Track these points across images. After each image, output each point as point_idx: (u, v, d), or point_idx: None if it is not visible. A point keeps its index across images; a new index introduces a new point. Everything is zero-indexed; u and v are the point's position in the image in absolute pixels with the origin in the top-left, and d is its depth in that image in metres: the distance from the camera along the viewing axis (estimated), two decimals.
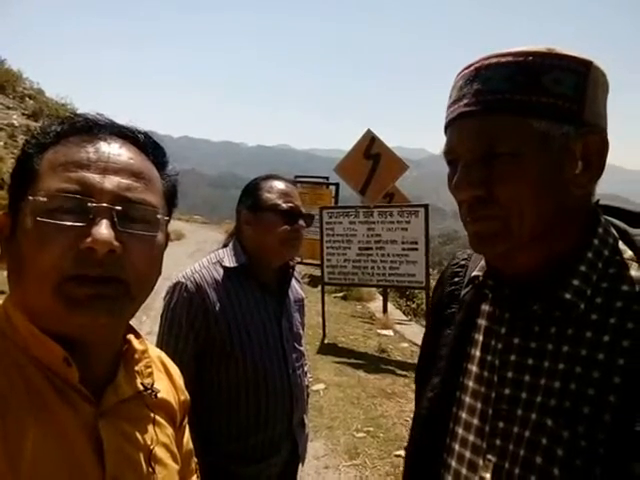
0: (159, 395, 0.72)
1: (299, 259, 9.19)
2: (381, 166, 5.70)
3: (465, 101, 0.65)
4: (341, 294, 8.41)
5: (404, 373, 4.85)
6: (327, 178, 10.00)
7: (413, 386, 3.51)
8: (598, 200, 0.70)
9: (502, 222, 0.64)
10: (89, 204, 0.57)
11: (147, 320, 5.78)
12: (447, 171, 0.71)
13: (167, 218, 0.68)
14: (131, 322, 0.68)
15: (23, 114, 14.40)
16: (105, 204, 0.58)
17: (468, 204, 0.67)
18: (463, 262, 0.86)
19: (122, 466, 0.62)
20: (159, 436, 0.70)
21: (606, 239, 0.67)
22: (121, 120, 0.68)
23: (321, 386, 4.44)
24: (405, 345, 6.01)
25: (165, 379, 0.79)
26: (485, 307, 0.75)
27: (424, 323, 6.55)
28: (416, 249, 5.34)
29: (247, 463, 1.42)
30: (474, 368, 0.73)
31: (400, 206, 5.76)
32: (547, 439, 0.61)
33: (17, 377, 0.57)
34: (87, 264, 0.56)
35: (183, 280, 1.41)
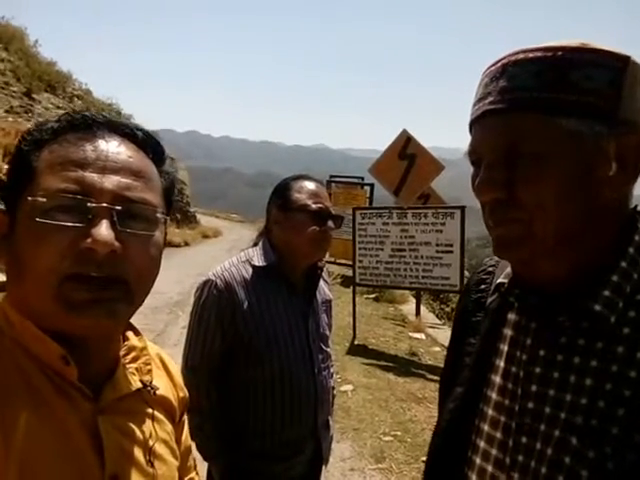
0: (158, 392, 0.72)
1: (332, 259, 9.19)
2: (416, 167, 5.61)
3: (490, 99, 0.62)
4: (373, 295, 8.35)
5: (435, 378, 4.76)
6: (362, 178, 9.95)
7: None
8: (637, 206, 0.65)
9: (525, 226, 0.61)
10: (89, 204, 0.57)
11: (183, 315, 5.93)
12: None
13: (166, 217, 0.67)
14: (167, 316, 0.68)
15: None
16: (105, 204, 0.57)
17: (490, 206, 0.64)
18: (490, 269, 0.82)
19: (121, 462, 0.62)
20: (158, 432, 0.70)
21: None
22: (164, 120, 0.67)
23: (349, 387, 4.41)
24: (437, 349, 5.90)
25: (164, 376, 0.79)
26: (511, 316, 0.72)
27: None
28: (451, 252, 5.23)
29: (270, 462, 1.43)
30: (498, 379, 0.71)
31: (435, 207, 5.66)
32: (571, 458, 0.58)
33: (16, 374, 0.57)
34: (87, 264, 0.56)
35: (213, 278, 1.43)
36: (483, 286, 0.81)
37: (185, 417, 0.85)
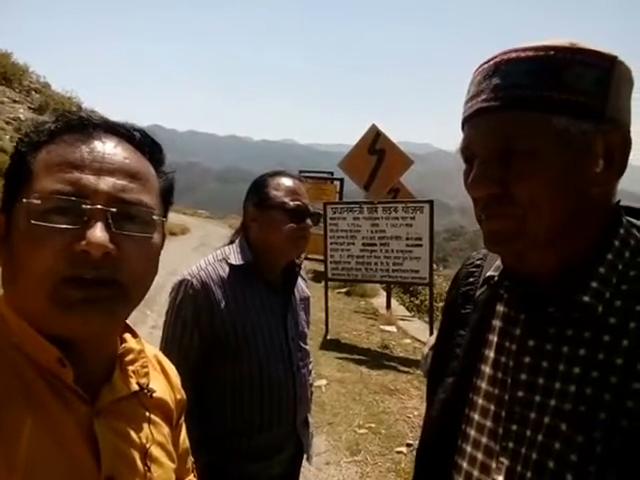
0: (155, 394, 0.72)
1: (304, 257, 9.19)
2: (386, 161, 5.67)
3: (483, 97, 0.63)
4: (345, 290, 8.41)
5: (406, 369, 4.85)
6: (332, 173, 9.97)
7: (415, 382, 3.52)
8: (619, 200, 0.68)
9: (518, 221, 0.62)
10: (84, 206, 0.57)
11: (151, 314, 5.80)
12: (452, 166, 0.70)
13: (164, 219, 0.67)
14: (134, 314, 0.68)
15: (29, 108, 14.44)
16: (100, 206, 0.57)
17: (484, 202, 0.65)
18: (478, 262, 0.84)
19: (118, 464, 0.62)
20: (155, 435, 0.70)
21: (628, 240, 0.65)
22: (126, 113, 0.66)
23: (323, 382, 4.44)
24: (408, 341, 6.00)
25: (161, 378, 0.79)
26: (500, 308, 0.74)
27: (427, 319, 6.54)
28: (420, 245, 5.32)
29: (250, 461, 1.42)
30: (488, 369, 0.72)
31: (404, 202, 5.73)
32: (560, 444, 0.60)
33: (12, 377, 0.56)
34: (82, 266, 0.56)
35: (189, 277, 1.40)
36: (471, 279, 0.83)
37: (183, 419, 0.85)
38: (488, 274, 0.76)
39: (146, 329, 5.42)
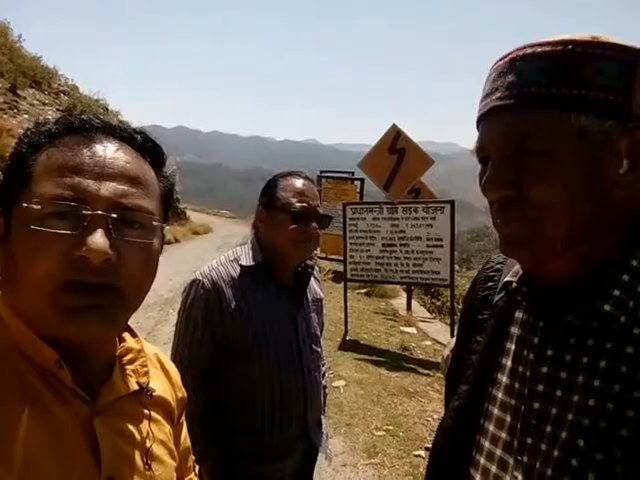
0: (156, 393, 0.72)
1: (323, 255, 9.18)
2: (406, 161, 5.60)
3: (498, 94, 0.60)
4: (364, 290, 8.37)
5: (426, 372, 4.78)
6: (352, 173, 9.94)
7: (435, 385, 3.47)
8: None
9: (534, 225, 0.60)
10: (84, 211, 0.56)
11: (173, 313, 5.89)
12: (477, 166, 0.67)
13: (164, 224, 0.67)
14: (157, 314, 0.68)
15: (58, 110, 14.83)
16: (100, 211, 0.57)
17: (498, 205, 0.63)
18: (498, 266, 0.81)
19: (118, 464, 0.62)
20: (156, 433, 0.70)
21: None
22: (150, 115, 0.66)
23: (341, 383, 4.42)
24: (428, 343, 5.93)
25: (162, 376, 0.79)
26: (519, 314, 0.70)
27: (448, 321, 6.45)
28: (441, 246, 5.25)
29: (261, 463, 1.42)
30: (504, 378, 0.69)
31: (425, 202, 5.66)
32: (578, 461, 0.57)
33: (12, 376, 0.57)
34: (82, 272, 0.56)
35: (200, 278, 1.40)
36: (490, 283, 0.80)
37: (184, 417, 0.85)
38: (506, 279, 0.73)
39: (169, 327, 5.51)
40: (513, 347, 0.69)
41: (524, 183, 0.59)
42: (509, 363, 0.69)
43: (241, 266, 1.45)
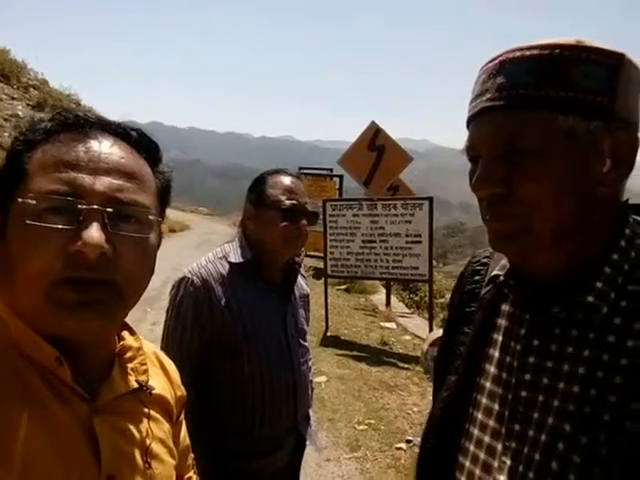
0: (155, 391, 0.72)
1: (302, 251, 9.18)
2: (385, 158, 5.65)
3: (488, 96, 0.63)
4: (344, 286, 8.42)
5: (406, 366, 4.86)
6: (331, 170, 9.96)
7: (415, 379, 3.53)
8: (627, 199, 0.67)
9: (523, 221, 0.62)
10: (79, 206, 0.56)
11: (151, 311, 5.82)
12: (452, 163, 0.69)
13: (160, 219, 0.67)
14: (134, 312, 0.68)
15: (28, 105, 14.40)
16: (96, 206, 0.57)
17: (488, 202, 0.65)
18: (485, 260, 0.84)
19: (118, 462, 0.62)
20: (155, 432, 0.70)
21: (633, 240, 0.64)
22: (124, 110, 0.66)
23: (323, 378, 4.45)
24: (407, 338, 6.01)
25: (161, 375, 0.79)
26: (505, 307, 0.73)
27: (427, 316, 6.54)
28: (420, 242, 5.32)
29: (251, 458, 1.43)
30: (492, 369, 0.72)
31: (404, 199, 5.73)
32: (564, 444, 0.60)
33: (11, 375, 0.56)
34: (78, 267, 0.55)
35: (189, 275, 1.40)
36: (477, 277, 0.82)
37: (183, 416, 0.85)
38: (493, 273, 0.75)
39: (146, 326, 5.44)
40: (500, 338, 0.72)
41: (513, 181, 0.61)
42: (496, 354, 0.72)
43: (230, 263, 1.45)
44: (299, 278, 1.61)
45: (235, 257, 1.46)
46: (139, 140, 0.66)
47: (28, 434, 0.54)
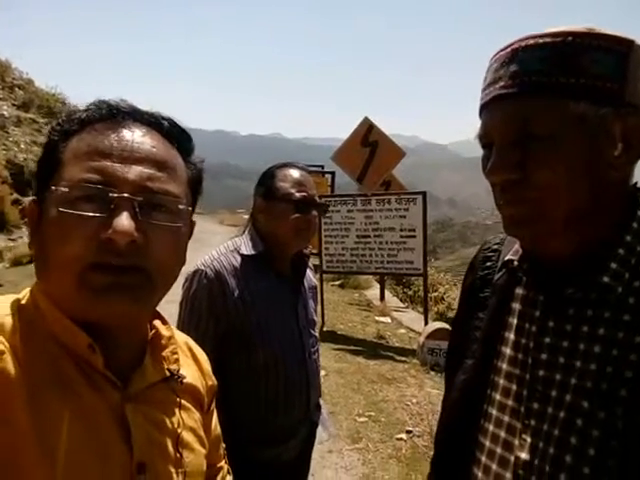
0: (186, 380, 0.72)
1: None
2: (378, 154, 5.69)
3: (501, 83, 0.64)
4: (338, 282, 8.46)
5: (403, 359, 4.91)
6: (322, 167, 9.98)
7: (412, 371, 3.57)
8: (636, 183, 0.69)
9: (537, 205, 0.64)
10: (110, 194, 0.57)
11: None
12: (441, 158, 0.70)
13: (190, 209, 0.68)
14: None
15: (13, 105, 14.19)
16: (126, 194, 0.58)
17: (502, 187, 0.66)
18: (495, 246, 0.86)
19: (149, 450, 0.62)
20: (186, 421, 0.71)
21: None
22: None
23: (322, 373, 4.47)
24: (403, 331, 6.08)
25: (192, 364, 0.80)
26: (519, 291, 0.75)
27: (421, 310, 6.61)
28: (414, 236, 5.38)
29: (266, 446, 1.45)
30: (508, 351, 0.74)
31: (398, 194, 5.78)
32: (582, 420, 0.62)
33: (46, 363, 0.57)
34: (108, 253, 0.56)
35: (202, 268, 1.41)
36: (489, 263, 0.84)
37: (214, 405, 0.85)
38: (507, 258, 0.77)
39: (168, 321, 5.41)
40: (515, 321, 0.74)
41: (527, 166, 0.63)
42: (512, 336, 0.73)
43: (242, 256, 1.47)
44: (307, 270, 1.64)
45: (247, 249, 1.48)
46: (171, 130, 0.67)
47: (62, 421, 0.55)
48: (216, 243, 1.67)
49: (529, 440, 0.67)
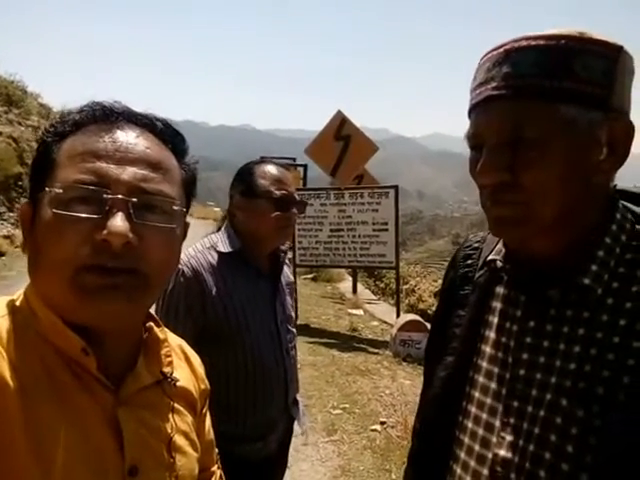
0: (179, 383, 0.72)
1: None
2: (351, 148, 5.72)
3: (493, 84, 0.64)
4: (311, 275, 8.49)
5: (376, 351, 4.99)
6: (294, 159, 9.94)
7: (385, 363, 3.64)
8: (615, 185, 0.70)
9: (525, 207, 0.64)
10: (105, 195, 0.57)
11: None
12: (410, 152, 0.70)
13: (185, 209, 0.67)
14: None
15: None
16: (121, 195, 0.57)
17: (491, 189, 0.66)
18: (476, 245, 0.87)
19: (141, 453, 0.62)
20: (178, 424, 0.70)
21: (623, 224, 0.67)
22: (71, 97, 0.67)
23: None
24: (375, 324, 6.16)
25: (185, 367, 0.79)
26: (500, 290, 0.76)
27: (392, 302, 6.71)
28: (386, 230, 5.44)
29: (246, 442, 1.45)
30: (488, 349, 0.75)
31: (371, 187, 5.82)
32: (562, 418, 0.63)
33: (39, 367, 0.57)
34: (103, 255, 0.56)
35: (180, 266, 1.38)
36: (470, 261, 0.86)
37: (207, 409, 0.85)
38: (490, 258, 0.78)
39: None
40: (496, 320, 0.74)
41: (517, 168, 0.63)
42: (492, 334, 0.74)
43: (219, 253, 1.45)
44: (284, 266, 1.64)
45: (224, 247, 1.47)
46: (165, 131, 0.67)
47: (54, 424, 0.54)
48: (189, 237, 1.65)
49: (508, 438, 0.68)
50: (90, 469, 0.57)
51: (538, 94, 0.61)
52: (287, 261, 1.71)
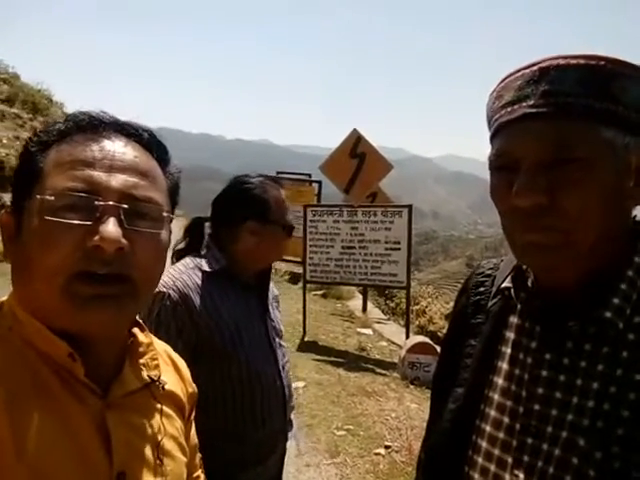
0: (167, 387, 0.72)
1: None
2: (366, 165, 5.72)
3: (530, 102, 0.61)
4: (321, 292, 8.43)
5: (383, 372, 4.90)
6: (309, 175, 9.99)
7: (392, 385, 3.56)
8: (636, 215, 0.68)
9: (564, 234, 0.60)
10: (96, 202, 0.58)
11: None
12: (425, 172, 0.67)
13: (171, 216, 0.69)
14: None
15: None
16: (112, 202, 0.58)
17: (528, 212, 0.61)
18: (489, 272, 0.84)
19: (130, 458, 0.62)
20: (167, 428, 0.71)
21: None
22: (94, 107, 0.67)
23: (301, 384, 4.43)
24: (384, 344, 6.07)
25: (172, 371, 0.80)
26: (513, 319, 0.73)
27: (402, 322, 6.62)
28: (398, 249, 5.40)
29: (247, 466, 1.41)
30: (500, 381, 0.72)
31: (384, 206, 5.80)
32: (578, 459, 0.60)
33: (25, 373, 0.57)
34: (95, 262, 0.56)
35: (164, 289, 1.32)
36: (482, 289, 0.82)
37: (193, 414, 0.85)
38: (504, 286, 0.75)
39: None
40: (509, 351, 0.72)
41: (559, 191, 0.60)
42: (505, 366, 0.71)
43: (204, 272, 1.41)
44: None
45: (208, 266, 1.43)
46: (150, 141, 0.68)
47: (42, 432, 0.54)
48: None
49: (522, 476, 0.65)
50: (78, 474, 0.56)
51: (579, 113, 0.59)
52: (272, 275, 1.70)
